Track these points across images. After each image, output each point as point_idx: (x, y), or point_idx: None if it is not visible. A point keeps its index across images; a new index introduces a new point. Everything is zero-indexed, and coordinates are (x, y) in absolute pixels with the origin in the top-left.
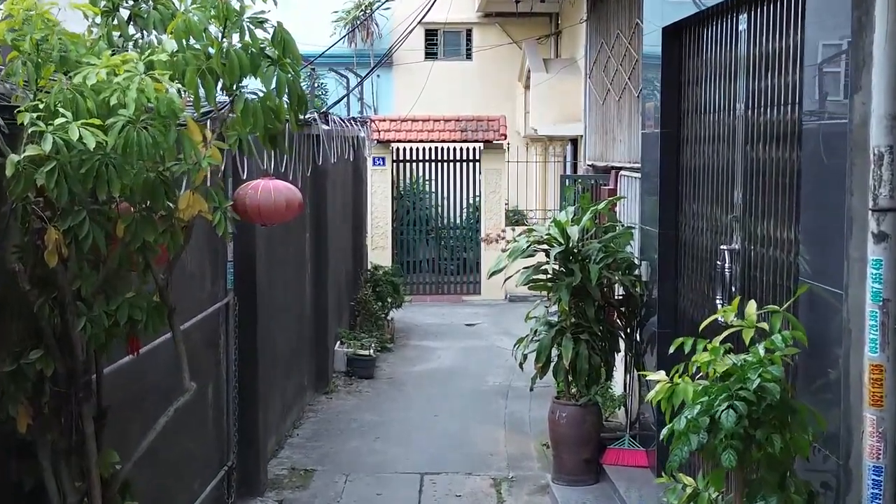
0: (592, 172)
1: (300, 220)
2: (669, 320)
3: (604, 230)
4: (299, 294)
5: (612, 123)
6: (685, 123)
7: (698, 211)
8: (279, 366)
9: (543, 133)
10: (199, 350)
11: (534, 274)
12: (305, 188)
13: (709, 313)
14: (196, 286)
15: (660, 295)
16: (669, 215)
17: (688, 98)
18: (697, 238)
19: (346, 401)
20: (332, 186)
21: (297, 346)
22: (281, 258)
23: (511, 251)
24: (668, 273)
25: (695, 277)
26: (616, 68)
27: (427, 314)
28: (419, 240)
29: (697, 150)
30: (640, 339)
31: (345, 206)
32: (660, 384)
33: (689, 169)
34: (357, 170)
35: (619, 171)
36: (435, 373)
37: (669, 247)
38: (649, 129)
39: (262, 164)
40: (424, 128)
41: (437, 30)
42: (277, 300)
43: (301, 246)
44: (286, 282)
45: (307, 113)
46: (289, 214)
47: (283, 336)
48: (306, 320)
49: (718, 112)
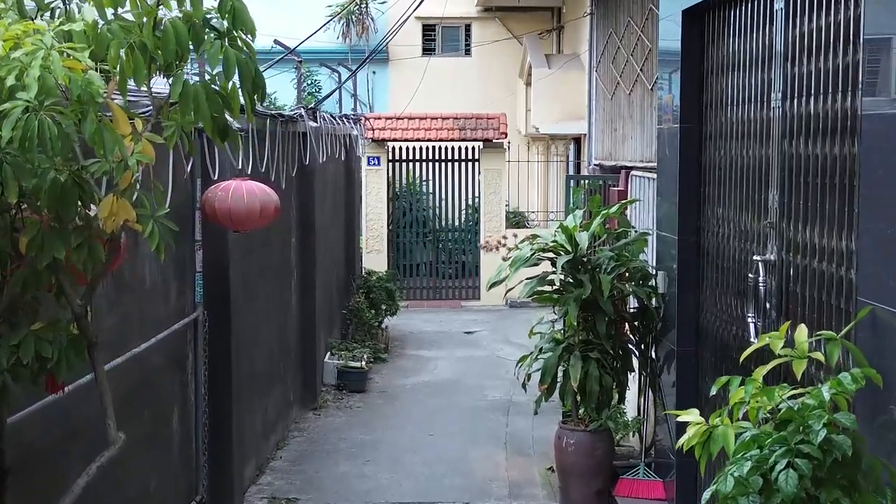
0: (599, 172)
1: (285, 224)
2: (690, 337)
3: (615, 236)
4: (284, 303)
5: (621, 119)
6: (708, 117)
7: (724, 215)
8: (259, 383)
9: (545, 131)
10: (162, 372)
11: (538, 285)
12: (291, 189)
13: (738, 332)
14: (157, 301)
15: (679, 309)
16: (690, 220)
17: (711, 89)
18: (723, 246)
19: (336, 417)
20: (321, 187)
21: (282, 359)
22: (261, 265)
23: (513, 260)
24: (689, 284)
25: (720, 290)
26: (626, 59)
27: (424, 321)
28: (416, 243)
29: (723, 147)
30: (656, 357)
31: (336, 209)
32: (693, 427)
33: (712, 168)
34: (350, 170)
35: (629, 170)
36: (431, 386)
37: (690, 255)
38: (666, 124)
39: (237, 163)
40: (421, 126)
41: (435, 24)
42: (257, 311)
43: (286, 251)
44: (268, 291)
45: (264, 100)
46: (264, 220)
47: (264, 350)
48: (292, 331)
49: (749, 104)
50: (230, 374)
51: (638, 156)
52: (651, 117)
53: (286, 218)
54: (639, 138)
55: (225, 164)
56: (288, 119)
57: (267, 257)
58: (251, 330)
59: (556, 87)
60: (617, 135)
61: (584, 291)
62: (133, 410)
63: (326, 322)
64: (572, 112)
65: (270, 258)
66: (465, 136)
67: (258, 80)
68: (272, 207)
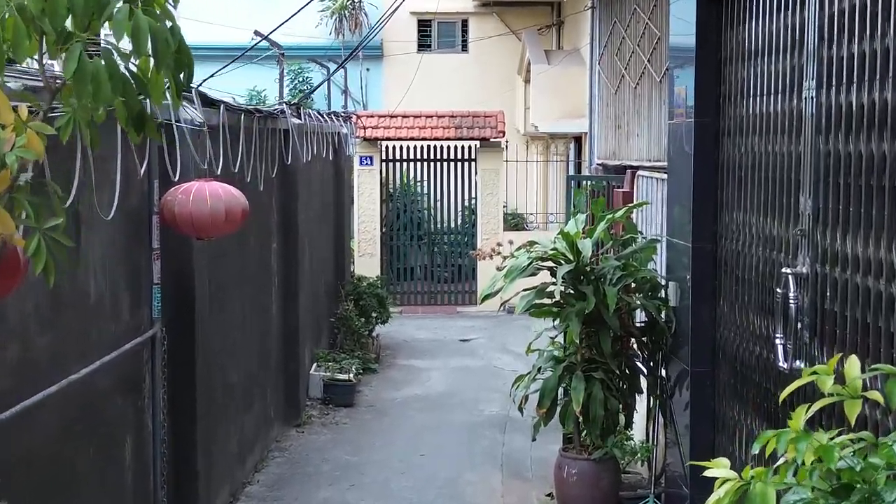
0: (602, 172)
1: (265, 228)
2: (705, 356)
3: (621, 243)
4: (264, 313)
5: (627, 115)
6: (726, 111)
7: (746, 221)
8: (234, 401)
9: (545, 130)
10: (112, 399)
11: (537, 298)
12: (271, 190)
13: (763, 353)
14: (105, 318)
15: (693, 324)
16: (706, 225)
17: (729, 79)
18: (744, 255)
19: (320, 435)
20: (305, 188)
21: (261, 373)
22: (237, 273)
23: (508, 270)
24: (704, 297)
25: (741, 305)
26: (632, 50)
27: (418, 327)
28: (411, 246)
29: (744, 144)
30: (667, 376)
31: (324, 211)
32: (725, 483)
33: (731, 167)
34: (339, 170)
35: (636, 170)
36: (423, 399)
37: (705, 265)
38: (679, 118)
39: (203, 163)
40: (416, 124)
41: (431, 20)
42: (231, 323)
43: (266, 257)
44: (245, 300)
45: (191, 83)
46: (230, 225)
47: (240, 365)
48: (273, 343)
49: (775, 94)
50: (195, 396)
51: (645, 154)
52: (660, 112)
53: (266, 221)
54: (646, 135)
55: (188, 163)
56: (267, 115)
57: (243, 264)
58: (223, 344)
59: (555, 83)
60: (621, 132)
61: (588, 305)
62: (74, 446)
63: (313, 331)
64: (573, 110)
65: (248, 265)
66: (461, 134)
67: (184, 56)
68: (239, 211)
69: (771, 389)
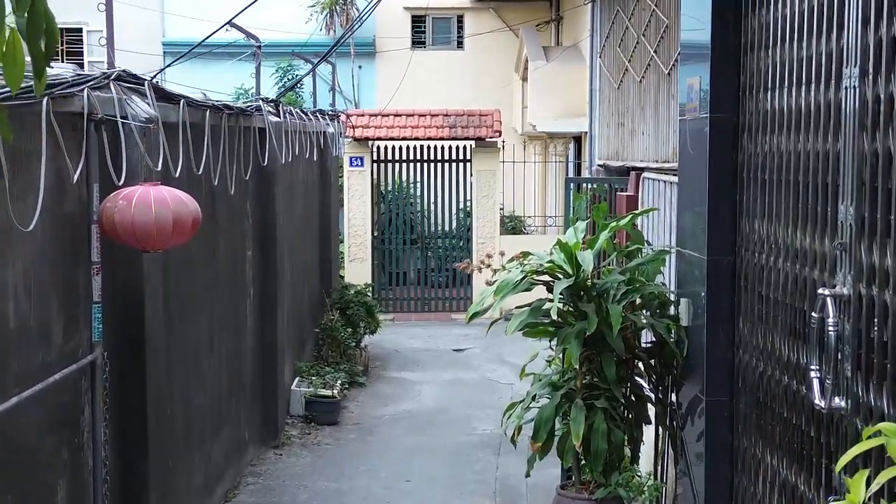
0: (604, 174)
1: (238, 234)
2: (722, 383)
3: (625, 254)
4: (237, 328)
5: (630, 112)
6: (746, 105)
7: (771, 231)
8: (199, 428)
9: (543, 129)
10: (40, 436)
11: (531, 317)
12: (244, 194)
13: (794, 386)
14: (30, 344)
15: (708, 347)
16: (723, 235)
17: (751, 68)
18: (769, 270)
19: (300, 458)
20: (285, 191)
21: (234, 393)
22: (201, 286)
23: (498, 286)
24: (721, 316)
25: (765, 328)
26: (636, 40)
27: (410, 336)
28: (404, 250)
29: (768, 143)
30: (677, 404)
31: (307, 215)
32: None
33: (753, 169)
34: (324, 171)
35: (641, 172)
36: (413, 416)
37: (723, 280)
38: (691, 114)
39: (155, 164)
40: (408, 123)
41: (425, 16)
42: (195, 341)
43: (239, 266)
44: (212, 315)
45: (52, 54)
46: (179, 236)
47: (205, 387)
48: (248, 359)
49: (808, 84)
50: (146, 427)
51: (651, 154)
52: (669, 107)
53: (239, 227)
54: (652, 133)
55: (137, 165)
56: (239, 112)
57: (212, 274)
58: (186, 365)
59: (554, 81)
60: (625, 130)
61: (589, 325)
62: None
63: (295, 344)
64: (572, 108)
65: (218, 275)
66: (455, 134)
67: (42, 23)
68: (189, 220)
69: (803, 428)
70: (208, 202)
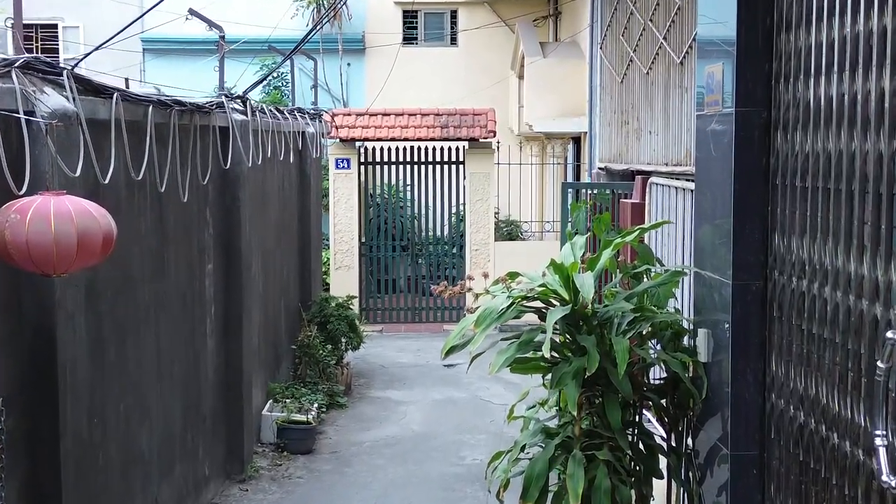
0: (605, 178)
1: (194, 246)
2: (750, 434)
3: (631, 274)
4: (193, 351)
5: (636, 108)
6: (780, 96)
7: (814, 252)
8: (141, 471)
9: (540, 129)
10: None
11: (520, 351)
12: (203, 201)
13: (846, 446)
14: None
15: (733, 388)
16: (751, 255)
17: (787, 51)
18: (813, 300)
19: (267, 494)
20: (255, 197)
21: (189, 424)
22: (146, 308)
23: (480, 316)
24: (749, 352)
25: (807, 369)
26: (643, 27)
27: (399, 349)
28: (393, 257)
29: (810, 142)
30: (693, 452)
31: (284, 223)
32: None
33: (790, 175)
34: (303, 174)
35: (647, 176)
36: (396, 443)
37: (751, 308)
38: (711, 109)
39: (72, 169)
40: (397, 123)
41: (417, 11)
42: (133, 375)
43: (196, 283)
44: (160, 341)
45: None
46: (87, 258)
47: (151, 424)
48: (208, 387)
49: (865, 67)
50: (60, 484)
51: (660, 156)
52: (681, 102)
53: (196, 238)
54: (661, 132)
55: (45, 169)
56: (194, 109)
57: (160, 292)
58: (123, 401)
59: (552, 78)
60: (629, 129)
61: (589, 364)
62: None
63: (268, 363)
64: (571, 107)
65: (167, 293)
66: (447, 134)
67: None
68: (100, 238)
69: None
70: (154, 211)
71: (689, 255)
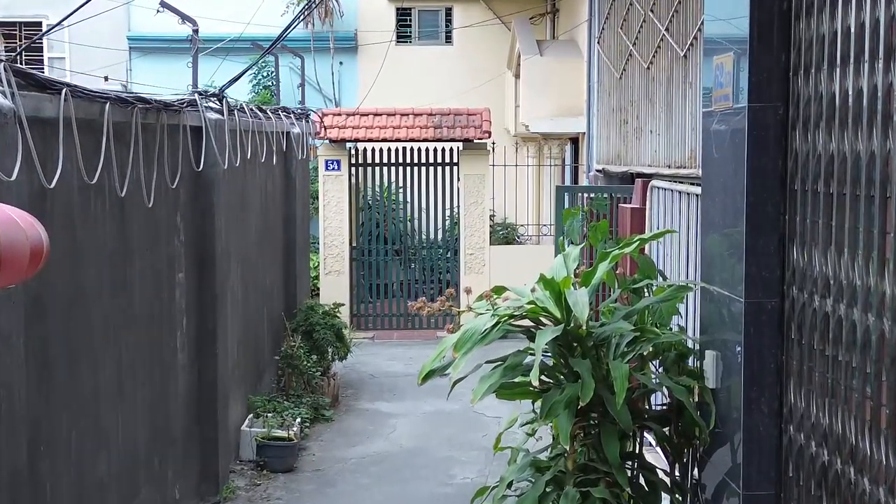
0: (603, 181)
1: (162, 255)
2: (765, 470)
3: (631, 288)
4: (162, 367)
5: (636, 106)
6: (800, 89)
7: (841, 267)
8: (99, 498)
9: (537, 130)
10: None
11: (506, 377)
12: (173, 206)
13: (874, 489)
14: None
15: (745, 419)
16: (767, 269)
17: (807, 38)
18: (839, 322)
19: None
20: (232, 201)
21: (157, 446)
22: (101, 323)
23: (460, 339)
24: (764, 379)
25: (833, 403)
26: (643, 17)
27: (390, 357)
28: (384, 262)
29: (836, 142)
30: (699, 486)
31: (267, 228)
32: None
33: (811, 179)
34: (288, 176)
35: (648, 179)
36: (383, 460)
37: (767, 329)
38: (721, 104)
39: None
40: (389, 123)
41: (411, 8)
42: (90, 395)
43: (165, 294)
44: (121, 358)
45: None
46: (11, 273)
47: (110, 447)
48: (179, 403)
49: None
50: None
51: (662, 157)
52: (685, 98)
53: (164, 246)
54: (664, 131)
55: None
56: (160, 107)
57: (120, 307)
58: (74, 429)
59: (549, 76)
60: (628, 128)
61: (583, 393)
62: None
63: (249, 375)
64: (569, 107)
65: (130, 307)
66: (440, 135)
67: None
68: (27, 251)
69: None
70: (114, 218)
71: (694, 267)
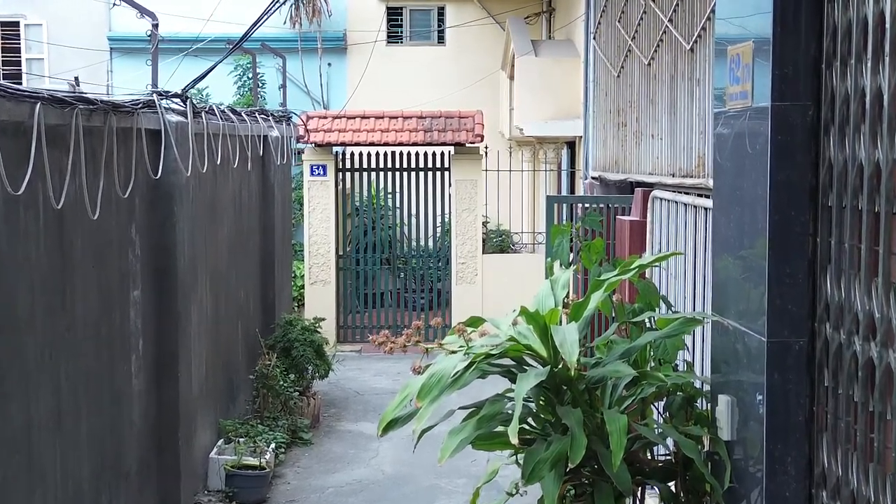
0: (600, 190)
1: (114, 271)
2: None
3: (632, 319)
4: (112, 396)
5: (635, 107)
6: (832, 86)
7: (885, 303)
8: None
9: (532, 133)
10: None
11: (484, 426)
12: (127, 218)
13: None
14: None
15: (768, 481)
16: (793, 301)
17: (842, 23)
18: (888, 370)
19: None
20: (198, 211)
21: (105, 483)
22: (37, 351)
23: (426, 384)
24: (791, 434)
25: (879, 470)
26: (643, 9)
27: (377, 373)
28: (374, 271)
29: (878, 150)
30: None
31: (241, 238)
32: None
33: (850, 193)
34: (266, 183)
35: (650, 189)
36: (364, 488)
37: (794, 374)
38: (736, 103)
39: None
40: (377, 126)
41: (402, 7)
42: (22, 431)
43: (117, 313)
44: (60, 387)
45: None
46: None
47: (47, 489)
48: (133, 433)
49: None
50: None
51: (665, 165)
52: (692, 97)
53: (117, 261)
54: (667, 135)
55: None
56: (107, 108)
57: (59, 331)
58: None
59: (544, 78)
60: (627, 132)
61: (573, 452)
62: None
63: (219, 398)
64: (565, 109)
65: (73, 330)
66: (431, 138)
67: None
68: None
69: None
70: (50, 233)
71: (703, 292)
